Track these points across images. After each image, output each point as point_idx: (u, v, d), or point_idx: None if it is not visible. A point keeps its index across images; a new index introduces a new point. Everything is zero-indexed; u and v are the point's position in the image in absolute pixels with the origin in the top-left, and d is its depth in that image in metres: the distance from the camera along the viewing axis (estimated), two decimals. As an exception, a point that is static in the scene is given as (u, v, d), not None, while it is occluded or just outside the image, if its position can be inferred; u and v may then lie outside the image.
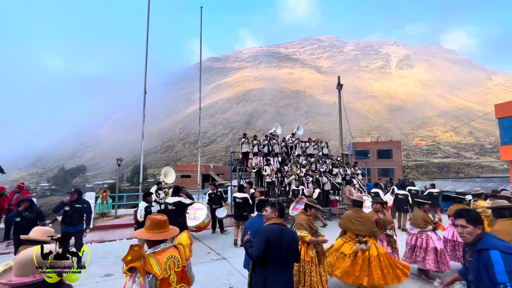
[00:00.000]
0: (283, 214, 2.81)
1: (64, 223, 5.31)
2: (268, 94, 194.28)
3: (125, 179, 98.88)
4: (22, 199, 5.17)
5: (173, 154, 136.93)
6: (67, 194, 5.52)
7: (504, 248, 1.92)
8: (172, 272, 2.05)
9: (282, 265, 2.50)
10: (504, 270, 1.82)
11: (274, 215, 2.75)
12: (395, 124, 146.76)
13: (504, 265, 1.84)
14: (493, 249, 1.93)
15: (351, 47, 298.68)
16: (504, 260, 1.86)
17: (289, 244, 2.52)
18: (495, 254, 1.90)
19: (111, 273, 5.07)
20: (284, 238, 2.52)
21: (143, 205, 6.16)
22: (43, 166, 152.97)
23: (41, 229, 2.42)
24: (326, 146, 14.25)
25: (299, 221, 3.77)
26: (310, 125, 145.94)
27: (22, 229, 4.47)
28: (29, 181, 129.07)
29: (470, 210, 2.27)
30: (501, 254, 1.89)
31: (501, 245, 1.96)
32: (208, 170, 42.81)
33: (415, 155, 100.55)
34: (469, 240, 2.13)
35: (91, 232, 8.66)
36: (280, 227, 2.62)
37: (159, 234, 2.15)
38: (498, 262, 1.86)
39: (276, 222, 2.68)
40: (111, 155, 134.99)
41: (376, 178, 30.80)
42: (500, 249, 1.91)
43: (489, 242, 2.00)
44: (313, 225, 3.73)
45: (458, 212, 2.25)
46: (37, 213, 5.07)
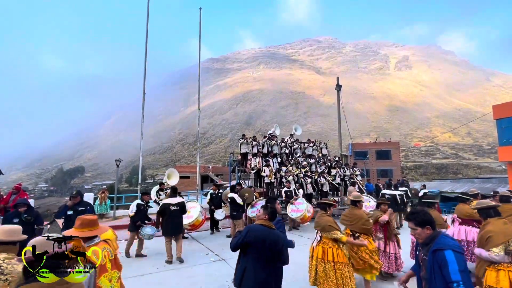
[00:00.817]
0: (273, 217, 2.89)
1: (68, 228, 5.12)
2: (267, 95, 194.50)
3: (124, 180, 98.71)
4: (19, 202, 5.02)
5: (172, 155, 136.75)
6: (70, 197, 5.39)
7: (456, 248, 2.03)
8: (107, 260, 2.48)
9: (262, 263, 2.61)
10: (457, 269, 1.93)
11: (265, 216, 2.86)
12: (393, 125, 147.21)
13: (457, 264, 1.94)
14: (447, 249, 2.02)
15: (350, 48, 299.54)
16: (457, 260, 1.96)
17: (271, 245, 2.62)
18: (449, 254, 1.99)
19: (109, 275, 5.05)
20: (267, 239, 2.63)
21: (136, 202, 6.32)
22: (41, 167, 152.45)
23: (2, 228, 2.19)
24: (325, 147, 14.28)
25: (327, 223, 3.72)
26: (309, 126, 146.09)
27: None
28: (27, 182, 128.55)
29: (416, 213, 2.31)
30: (454, 253, 1.99)
31: (453, 244, 2.07)
32: (207, 171, 42.75)
33: (413, 156, 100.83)
34: (421, 240, 2.24)
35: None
36: (265, 228, 2.74)
37: (88, 232, 2.48)
38: (452, 261, 1.96)
39: (263, 224, 2.80)
40: (110, 156, 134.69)
41: (375, 179, 30.83)
42: (453, 249, 2.01)
43: (443, 242, 2.09)
44: (336, 224, 3.78)
45: (407, 216, 2.37)
46: (35, 216, 4.95)
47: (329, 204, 3.98)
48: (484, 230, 3.12)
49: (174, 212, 5.89)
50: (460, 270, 1.93)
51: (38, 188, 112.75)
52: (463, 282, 1.89)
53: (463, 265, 1.96)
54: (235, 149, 12.74)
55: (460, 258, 1.98)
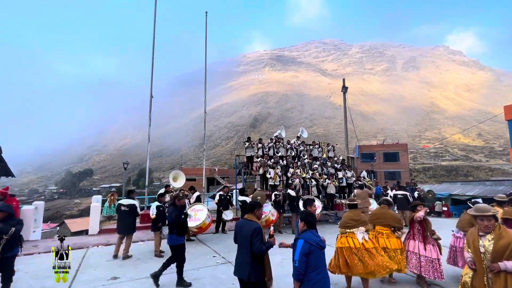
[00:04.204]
0: (251, 210, 3.43)
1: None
2: (272, 97, 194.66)
3: (132, 183, 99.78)
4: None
5: (179, 158, 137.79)
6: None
7: (307, 239, 2.86)
8: None
9: (241, 249, 3.31)
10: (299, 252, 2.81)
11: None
12: (401, 126, 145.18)
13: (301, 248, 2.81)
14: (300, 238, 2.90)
15: (356, 49, 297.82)
16: (303, 246, 2.81)
17: (245, 234, 3.21)
18: (300, 242, 2.86)
19: (117, 276, 5.10)
20: (243, 229, 3.28)
21: (155, 204, 6.58)
22: (51, 170, 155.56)
23: None
24: (332, 149, 14.16)
25: (347, 219, 4.55)
26: (315, 128, 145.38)
27: None
28: (37, 185, 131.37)
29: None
30: (303, 242, 2.83)
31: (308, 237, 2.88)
32: (213, 173, 42.90)
33: (422, 158, 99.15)
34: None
35: (98, 235, 8.74)
36: (244, 221, 3.39)
37: None
38: (299, 246, 2.83)
39: (245, 217, 3.43)
40: (118, 159, 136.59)
41: (383, 181, 30.42)
42: (304, 239, 2.86)
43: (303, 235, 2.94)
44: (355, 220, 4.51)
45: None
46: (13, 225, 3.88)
47: (351, 205, 4.76)
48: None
49: (124, 213, 6.33)
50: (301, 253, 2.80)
51: (48, 190, 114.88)
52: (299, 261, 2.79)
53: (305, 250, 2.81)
54: (241, 151, 12.76)
55: (305, 246, 2.83)
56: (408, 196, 10.24)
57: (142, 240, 7.97)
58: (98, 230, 9.04)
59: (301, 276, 2.77)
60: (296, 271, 2.78)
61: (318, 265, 2.83)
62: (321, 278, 2.81)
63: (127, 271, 5.39)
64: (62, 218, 45.18)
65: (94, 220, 9.15)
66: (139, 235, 8.46)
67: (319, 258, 2.85)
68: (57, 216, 59.34)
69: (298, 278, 2.79)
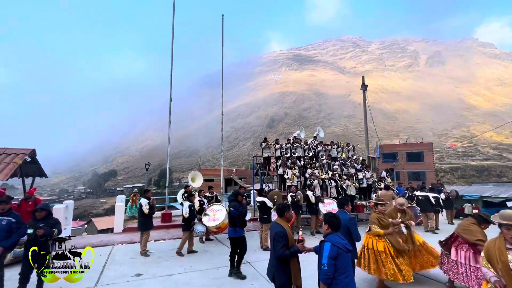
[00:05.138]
0: (280, 214, 3.41)
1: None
2: (289, 97, 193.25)
3: (153, 183, 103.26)
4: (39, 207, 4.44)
5: (197, 159, 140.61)
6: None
7: (335, 242, 2.80)
8: None
9: (271, 251, 3.27)
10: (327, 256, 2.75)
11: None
12: (426, 124, 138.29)
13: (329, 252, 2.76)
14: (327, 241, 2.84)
15: (376, 46, 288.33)
16: (331, 249, 2.76)
17: (271, 237, 3.26)
18: (327, 245, 2.81)
19: (141, 273, 5.29)
20: (271, 232, 3.31)
21: (187, 204, 6.82)
22: (79, 171, 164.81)
23: None
24: (352, 149, 13.78)
25: (371, 218, 4.72)
26: (333, 128, 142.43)
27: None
28: (67, 185, 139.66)
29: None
30: (331, 245, 2.78)
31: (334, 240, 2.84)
32: (231, 174, 43.32)
33: (449, 158, 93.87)
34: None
35: (122, 234, 9.12)
36: (273, 223, 3.41)
37: None
38: (326, 249, 2.77)
39: (275, 220, 3.43)
40: (140, 160, 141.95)
41: (406, 182, 29.17)
42: (331, 242, 2.80)
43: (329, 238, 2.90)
44: (382, 220, 4.54)
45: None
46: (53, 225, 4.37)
47: (377, 204, 4.79)
48: None
49: (139, 211, 6.80)
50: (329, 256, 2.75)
51: (77, 190, 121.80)
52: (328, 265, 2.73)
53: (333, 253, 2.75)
54: (258, 152, 12.77)
55: (333, 249, 2.78)
56: (430, 197, 9.77)
57: (163, 238, 8.21)
58: (122, 229, 9.44)
59: (330, 280, 2.74)
60: (325, 274, 2.73)
61: (346, 268, 2.80)
62: (349, 281, 2.78)
63: (149, 268, 5.59)
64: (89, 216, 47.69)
65: (118, 219, 9.56)
66: (160, 234, 8.74)
67: (346, 261, 2.83)
68: (85, 214, 62.74)
69: (327, 282, 2.73)
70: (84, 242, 7.77)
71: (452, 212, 11.26)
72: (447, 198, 10.75)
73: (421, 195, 9.97)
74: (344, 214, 4.04)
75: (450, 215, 11.04)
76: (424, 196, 9.88)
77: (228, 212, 5.61)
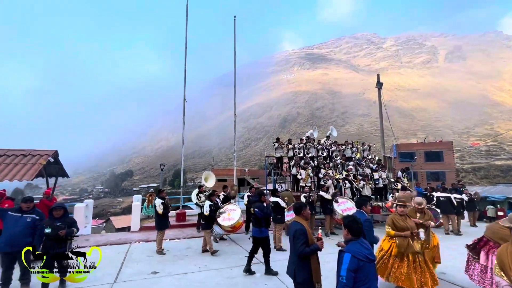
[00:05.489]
0: (297, 212, 3.45)
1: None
2: (301, 97, 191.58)
3: (167, 183, 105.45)
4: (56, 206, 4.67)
5: (210, 159, 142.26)
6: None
7: (355, 253, 2.54)
8: None
9: (290, 249, 3.30)
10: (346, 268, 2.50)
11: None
12: (445, 123, 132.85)
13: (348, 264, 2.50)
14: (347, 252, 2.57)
15: (391, 42, 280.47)
16: (351, 262, 2.50)
17: (290, 235, 3.28)
18: (347, 256, 2.54)
19: (157, 271, 5.42)
20: (290, 230, 3.33)
21: (207, 203, 6.89)
22: (98, 171, 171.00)
23: None
24: (368, 149, 13.46)
25: (387, 219, 4.58)
26: (347, 127, 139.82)
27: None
28: (87, 184, 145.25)
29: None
30: (351, 257, 2.51)
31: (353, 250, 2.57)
32: (244, 174, 43.49)
33: (471, 157, 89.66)
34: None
35: (139, 232, 9.37)
36: (292, 222, 3.45)
37: None
38: (346, 261, 2.52)
39: (294, 219, 3.51)
40: (155, 160, 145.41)
41: (425, 182, 28.18)
42: (351, 253, 2.53)
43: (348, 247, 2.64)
44: (397, 222, 4.37)
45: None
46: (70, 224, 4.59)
47: (399, 204, 4.57)
48: None
49: (155, 210, 6.96)
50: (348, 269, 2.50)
51: (96, 190, 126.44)
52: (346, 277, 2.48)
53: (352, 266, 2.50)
54: (271, 152, 12.74)
55: (353, 260, 2.51)
56: (452, 198, 9.37)
57: (178, 237, 8.37)
58: (139, 227, 9.70)
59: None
60: (343, 287, 2.53)
61: (368, 279, 2.56)
62: None
63: (165, 266, 5.71)
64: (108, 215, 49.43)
65: (135, 218, 9.84)
66: (175, 233, 8.90)
67: (368, 272, 2.59)
68: (103, 213, 65.04)
69: None
70: (103, 240, 8.06)
71: (475, 214, 10.77)
72: (470, 199, 10.28)
73: (442, 196, 9.59)
74: (362, 215, 3.96)
75: (473, 217, 10.56)
76: (446, 197, 9.49)
77: (252, 212, 5.65)
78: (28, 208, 4.54)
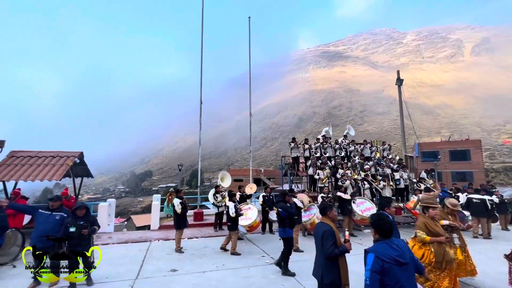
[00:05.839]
0: (323, 213, 3.42)
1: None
2: (317, 96, 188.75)
3: (185, 183, 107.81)
4: (78, 205, 4.88)
5: (226, 159, 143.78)
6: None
7: (379, 253, 2.37)
8: None
9: (316, 250, 3.28)
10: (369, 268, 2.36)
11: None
12: (472, 120, 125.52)
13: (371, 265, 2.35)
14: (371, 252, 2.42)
15: (412, 37, 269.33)
16: (374, 262, 2.35)
17: (317, 236, 3.23)
18: (370, 256, 2.40)
19: (176, 269, 5.55)
20: (316, 231, 3.31)
21: (232, 205, 6.89)
22: (119, 171, 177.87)
23: None
24: (388, 148, 13.02)
25: (417, 223, 4.16)
26: (366, 126, 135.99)
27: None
28: (109, 184, 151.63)
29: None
30: (374, 257, 2.37)
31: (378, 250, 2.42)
32: (259, 174, 43.55)
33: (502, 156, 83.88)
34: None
35: (158, 231, 9.65)
36: (319, 223, 3.40)
37: None
38: (369, 262, 2.38)
39: (320, 220, 3.44)
40: (173, 161, 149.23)
41: (450, 183, 26.78)
42: (375, 253, 2.38)
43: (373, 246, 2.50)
44: (430, 226, 3.95)
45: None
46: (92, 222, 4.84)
47: (427, 207, 4.18)
48: None
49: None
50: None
51: (117, 189, 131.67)
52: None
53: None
54: (286, 152, 12.67)
55: (377, 261, 2.35)
56: (487, 201, 8.71)
57: (195, 236, 8.52)
58: (158, 226, 9.99)
59: None
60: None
61: (400, 285, 2.29)
62: None
63: (184, 264, 5.84)
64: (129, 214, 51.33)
65: (154, 217, 10.15)
66: (193, 232, 9.08)
67: (399, 277, 2.30)
68: (125, 212, 67.65)
69: None
70: (125, 238, 8.38)
71: (507, 217, 10.06)
72: (502, 201, 9.63)
73: (476, 197, 8.97)
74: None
75: (505, 221, 9.88)
76: (480, 199, 8.87)
77: (276, 213, 5.69)
78: (52, 206, 4.83)
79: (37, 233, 4.57)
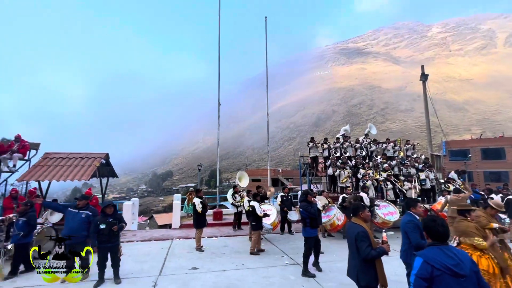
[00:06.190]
0: (355, 213, 3.36)
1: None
2: (336, 94, 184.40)
3: (204, 183, 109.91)
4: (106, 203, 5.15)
5: (244, 159, 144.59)
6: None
7: (429, 258, 2.20)
8: None
9: (349, 251, 3.26)
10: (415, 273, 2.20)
11: (354, 216, 3.35)
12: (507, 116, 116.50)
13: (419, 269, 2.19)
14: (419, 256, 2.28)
15: (437, 30, 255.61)
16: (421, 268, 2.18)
17: (350, 237, 3.22)
18: (418, 260, 2.24)
19: (197, 267, 5.67)
20: (349, 232, 3.30)
21: (257, 205, 6.94)
22: (141, 171, 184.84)
23: None
24: (412, 147, 12.45)
25: (467, 228, 3.55)
26: (388, 124, 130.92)
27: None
28: (132, 184, 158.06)
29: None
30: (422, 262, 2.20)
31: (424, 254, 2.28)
32: (277, 174, 43.39)
33: (541, 154, 77.15)
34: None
35: (179, 229, 9.91)
36: (350, 223, 3.38)
37: None
38: (416, 266, 2.22)
39: (352, 220, 3.38)
40: (192, 161, 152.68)
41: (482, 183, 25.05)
42: (425, 258, 2.22)
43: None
44: (482, 231, 3.60)
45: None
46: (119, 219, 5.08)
47: (468, 210, 3.92)
48: None
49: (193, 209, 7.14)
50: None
51: (140, 189, 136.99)
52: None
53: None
54: (305, 152, 12.50)
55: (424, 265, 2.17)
56: None
57: (215, 236, 8.65)
58: (179, 225, 10.26)
59: None
60: None
61: None
62: None
63: (204, 263, 5.95)
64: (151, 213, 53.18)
65: (176, 216, 10.44)
66: (212, 231, 9.22)
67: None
68: (147, 211, 70.16)
69: None
70: (148, 236, 8.69)
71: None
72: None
73: None
74: (410, 216, 3.64)
75: (546, 224, 9.06)
76: None
77: (299, 212, 5.75)
78: (82, 205, 5.13)
79: (66, 230, 4.90)
